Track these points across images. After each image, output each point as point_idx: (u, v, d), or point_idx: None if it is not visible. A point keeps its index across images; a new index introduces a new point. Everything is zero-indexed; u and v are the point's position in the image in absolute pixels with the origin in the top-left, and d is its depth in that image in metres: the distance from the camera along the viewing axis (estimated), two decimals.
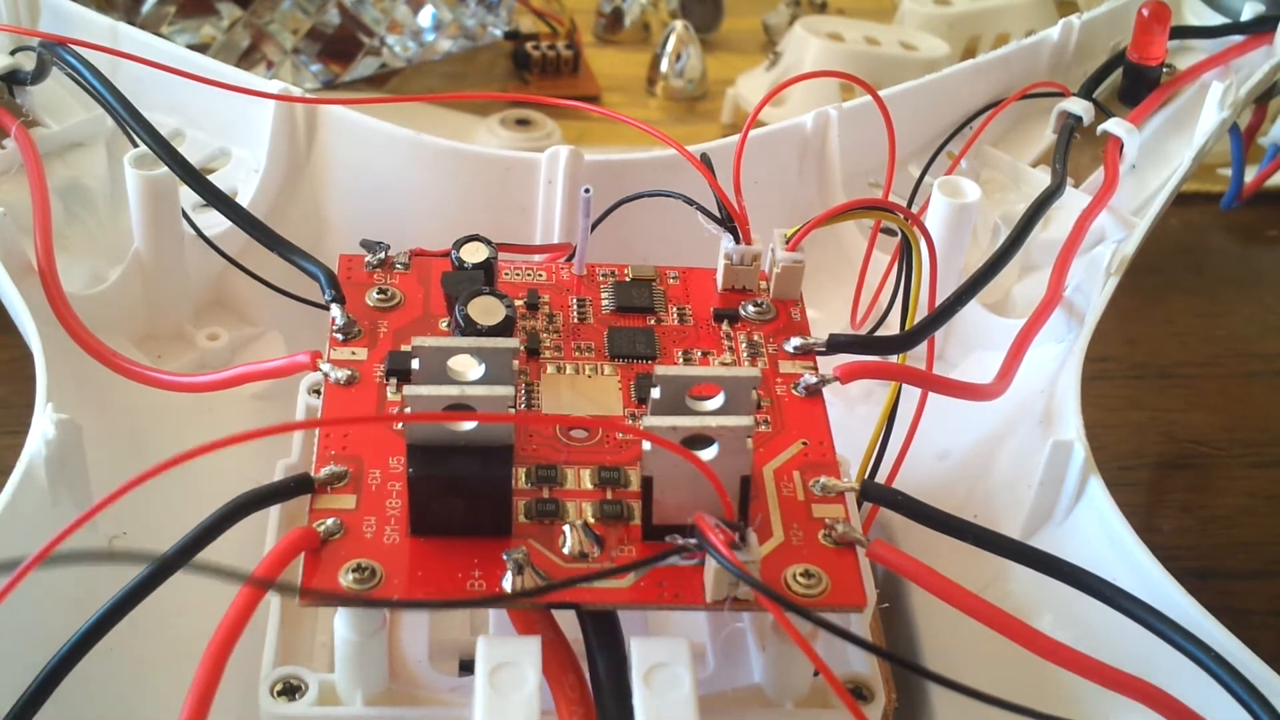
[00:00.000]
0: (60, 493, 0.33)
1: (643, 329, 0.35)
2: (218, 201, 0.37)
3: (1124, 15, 0.50)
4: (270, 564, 0.27)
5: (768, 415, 0.33)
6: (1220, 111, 0.45)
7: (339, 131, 0.44)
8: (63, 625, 0.28)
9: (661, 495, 0.29)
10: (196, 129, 0.46)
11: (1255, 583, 0.46)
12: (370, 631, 0.28)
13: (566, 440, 0.32)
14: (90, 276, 0.41)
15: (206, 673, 0.25)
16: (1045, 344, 0.40)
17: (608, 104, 0.68)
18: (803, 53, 0.65)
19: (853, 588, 0.29)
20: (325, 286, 0.35)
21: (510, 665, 0.27)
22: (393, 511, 0.29)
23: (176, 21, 0.62)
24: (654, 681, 0.27)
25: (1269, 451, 0.52)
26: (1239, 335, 0.58)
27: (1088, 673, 0.28)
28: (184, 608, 0.31)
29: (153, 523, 0.32)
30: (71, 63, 0.40)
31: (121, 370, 0.36)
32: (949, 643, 0.37)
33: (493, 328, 0.32)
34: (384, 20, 0.65)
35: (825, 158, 0.46)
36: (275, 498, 0.30)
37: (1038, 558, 0.30)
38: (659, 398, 0.29)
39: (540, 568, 0.28)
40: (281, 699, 0.29)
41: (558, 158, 0.43)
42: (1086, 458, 0.34)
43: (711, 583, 0.28)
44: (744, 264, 0.36)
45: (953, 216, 0.42)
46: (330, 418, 0.32)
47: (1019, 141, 0.49)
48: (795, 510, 0.30)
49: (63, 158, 0.44)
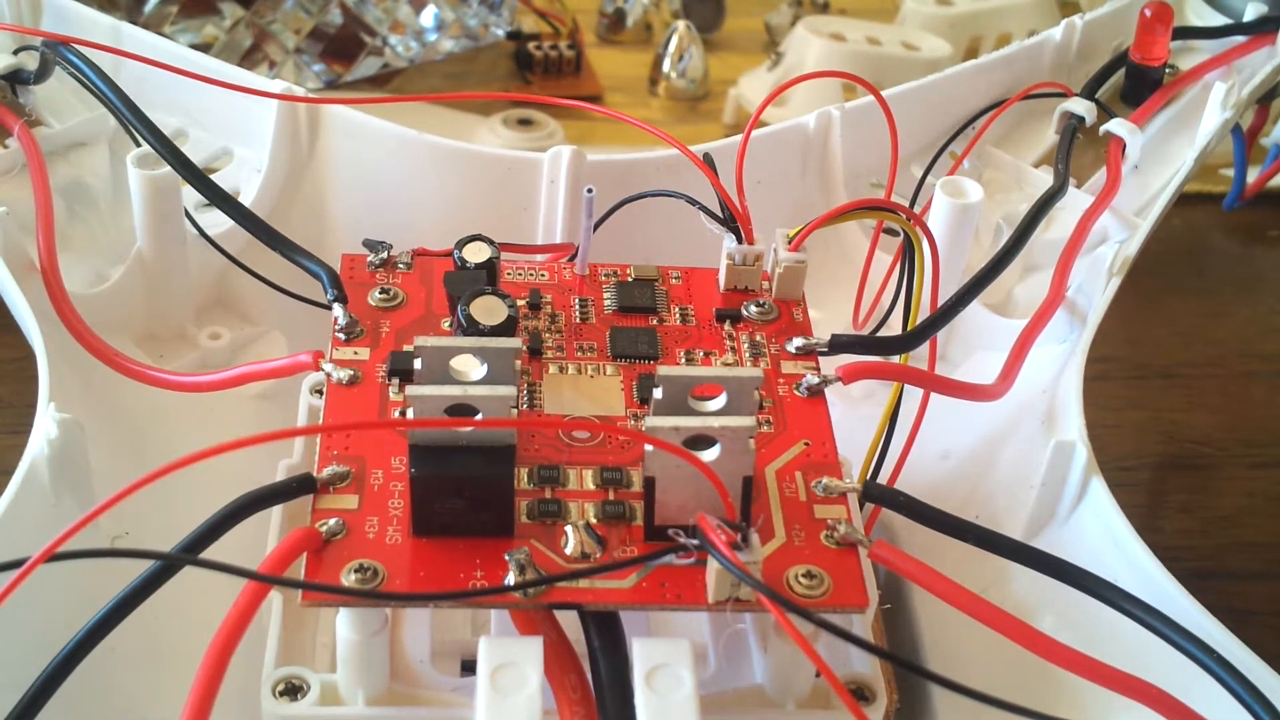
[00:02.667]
0: (63, 492, 0.33)
1: (645, 329, 0.35)
2: (220, 201, 0.37)
3: (1126, 16, 0.50)
4: (272, 564, 0.27)
5: (770, 416, 0.33)
6: (1222, 112, 0.45)
7: (341, 131, 0.44)
8: (65, 625, 0.28)
9: (664, 496, 0.29)
10: (199, 128, 0.46)
11: (1256, 583, 0.46)
12: (372, 631, 0.28)
13: (569, 440, 0.32)
14: (93, 276, 0.41)
15: (208, 672, 0.25)
16: (1047, 344, 0.40)
17: (610, 104, 0.68)
18: (805, 53, 0.65)
19: (854, 589, 0.29)
20: (327, 286, 0.35)
21: (512, 666, 0.27)
22: (395, 512, 0.29)
23: (179, 21, 0.62)
24: (656, 682, 0.27)
25: (1270, 452, 0.52)
26: (1241, 336, 0.58)
27: (1088, 673, 0.28)
28: (186, 608, 0.32)
29: (155, 523, 0.32)
30: (74, 62, 0.40)
31: (123, 370, 0.36)
32: (951, 643, 0.37)
33: (495, 328, 0.32)
34: (386, 20, 0.65)
35: (827, 158, 0.46)
36: (278, 498, 0.30)
37: (1039, 559, 0.30)
38: (661, 398, 0.29)
39: (542, 568, 0.28)
40: (283, 699, 0.29)
41: (560, 158, 0.43)
42: (1089, 458, 0.34)
43: (713, 583, 0.28)
44: (746, 264, 0.36)
45: (955, 217, 0.41)
46: (335, 423, 0.32)
47: (1021, 142, 0.49)
48: (797, 511, 0.30)
49: (65, 157, 0.44)
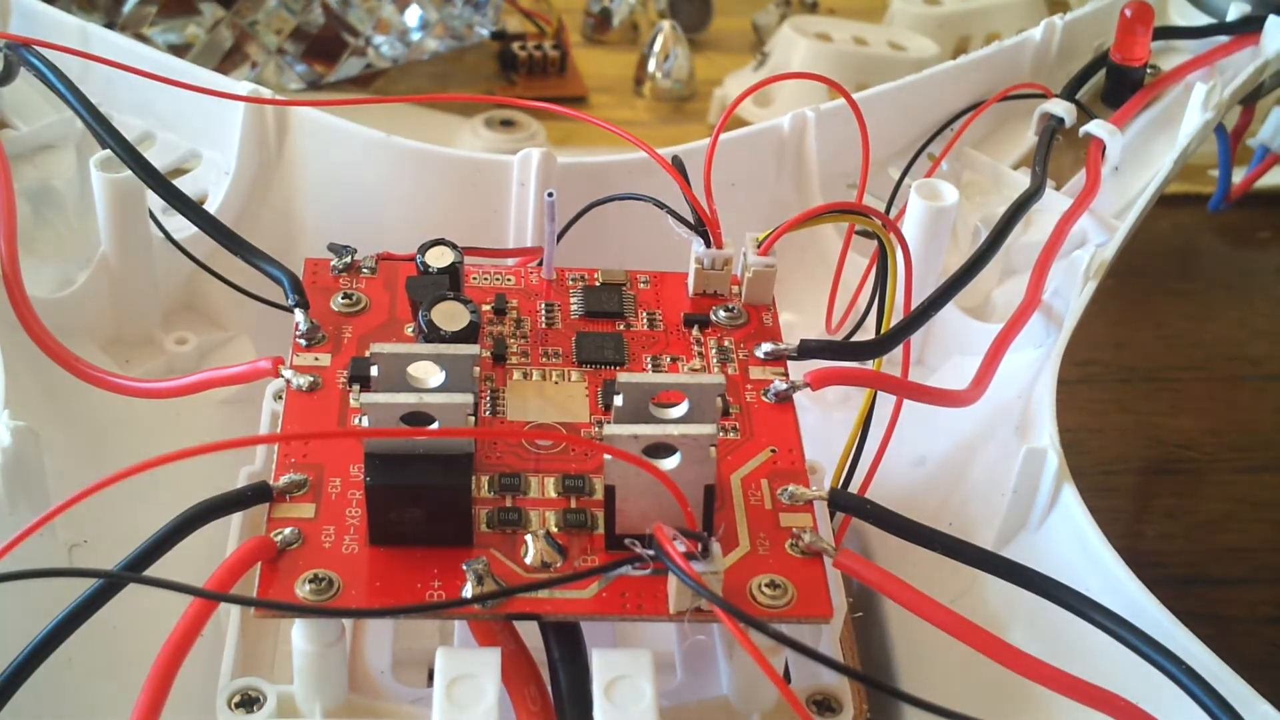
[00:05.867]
0: (18, 500, 0.32)
1: (611, 334, 0.35)
2: (181, 205, 0.37)
3: (1108, 16, 0.50)
4: (225, 574, 0.27)
5: (736, 422, 0.32)
6: (1204, 113, 0.45)
7: (309, 133, 0.44)
8: (24, 635, 0.27)
9: (624, 504, 0.28)
10: (167, 131, 0.46)
11: (1240, 589, 0.46)
12: (327, 643, 0.28)
13: (531, 448, 0.31)
14: (59, 280, 0.41)
15: (153, 689, 0.25)
16: (1024, 349, 0.40)
17: (595, 104, 0.68)
18: (791, 53, 0.64)
19: (819, 598, 0.28)
20: (289, 291, 0.34)
21: (469, 678, 0.26)
22: (352, 521, 0.29)
23: (159, 21, 0.61)
24: (615, 694, 0.26)
25: (1256, 456, 0.51)
26: (1228, 339, 0.57)
27: (1055, 685, 0.27)
28: (145, 618, 0.31)
29: (115, 530, 0.32)
30: (37, 65, 0.39)
31: (83, 375, 0.35)
32: (923, 651, 0.36)
33: (456, 333, 0.31)
34: (369, 20, 0.64)
35: (803, 159, 0.46)
36: (232, 507, 0.29)
37: (1006, 567, 0.30)
38: (622, 405, 0.29)
39: (501, 578, 0.28)
40: (239, 711, 0.29)
41: (530, 160, 0.42)
42: (1060, 465, 0.34)
43: (674, 594, 0.27)
44: (715, 268, 0.36)
45: (930, 219, 0.41)
46: (291, 431, 0.31)
47: (1000, 143, 0.49)
48: (762, 519, 0.30)
49: (32, 160, 0.43)
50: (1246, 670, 0.29)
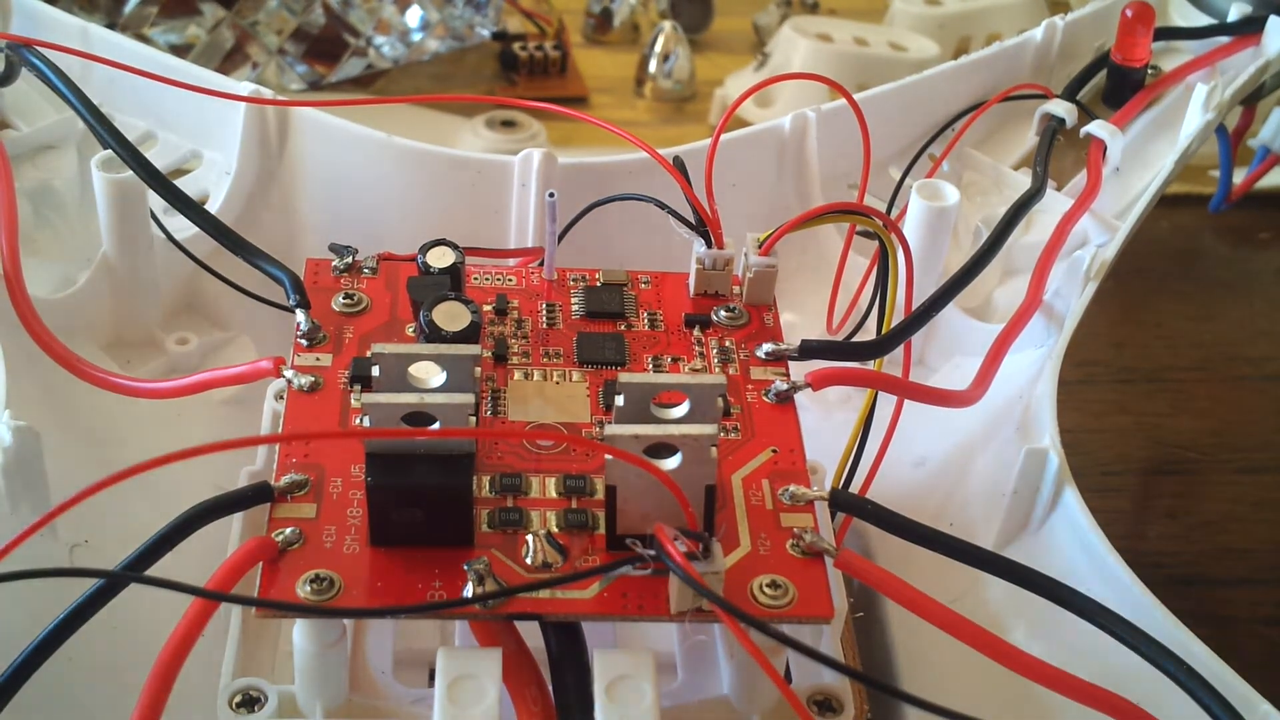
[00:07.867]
0: (19, 500, 0.32)
1: (612, 334, 0.35)
2: (182, 205, 0.37)
3: (1108, 16, 0.50)
4: (226, 574, 0.27)
5: (738, 422, 0.32)
6: (1205, 113, 0.45)
7: (311, 134, 0.44)
8: (23, 633, 0.27)
9: (625, 505, 0.28)
10: (169, 131, 0.46)
11: (1240, 590, 0.46)
12: (328, 643, 0.28)
13: (531, 448, 0.31)
14: (60, 280, 0.41)
15: (154, 687, 0.25)
16: (1025, 349, 0.40)
17: (596, 105, 0.68)
18: (791, 54, 0.64)
19: (820, 599, 0.28)
20: (289, 291, 0.34)
21: (470, 678, 0.26)
22: (353, 521, 0.29)
23: (160, 22, 0.61)
24: (616, 694, 0.26)
25: (1257, 457, 0.51)
26: (1228, 339, 0.57)
27: (1056, 685, 0.27)
28: (149, 614, 0.31)
29: (115, 530, 0.32)
30: (38, 65, 0.39)
31: (84, 375, 0.35)
32: (924, 651, 0.36)
33: (458, 334, 0.31)
34: (370, 20, 0.65)
35: (803, 160, 0.46)
36: (233, 507, 0.29)
37: (1007, 567, 0.30)
38: (623, 405, 0.29)
39: (502, 578, 0.28)
40: (240, 711, 0.29)
41: (530, 160, 0.42)
42: (1061, 465, 0.34)
43: (675, 594, 0.27)
44: (716, 268, 0.36)
45: (931, 220, 0.41)
46: (292, 431, 0.31)
47: (1001, 144, 0.49)
48: (763, 519, 0.30)
49: (33, 160, 0.43)
50: (1247, 670, 0.29)
